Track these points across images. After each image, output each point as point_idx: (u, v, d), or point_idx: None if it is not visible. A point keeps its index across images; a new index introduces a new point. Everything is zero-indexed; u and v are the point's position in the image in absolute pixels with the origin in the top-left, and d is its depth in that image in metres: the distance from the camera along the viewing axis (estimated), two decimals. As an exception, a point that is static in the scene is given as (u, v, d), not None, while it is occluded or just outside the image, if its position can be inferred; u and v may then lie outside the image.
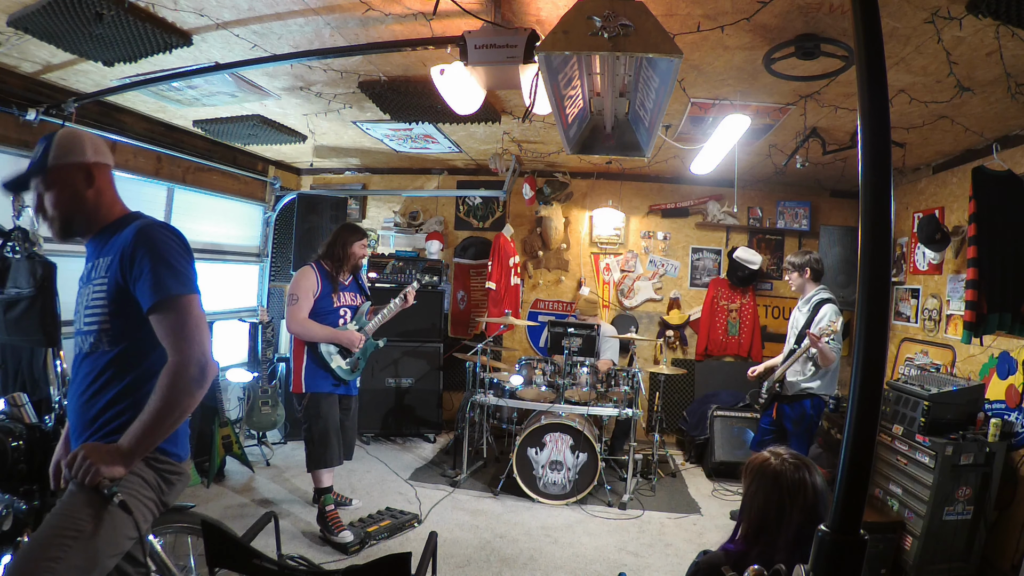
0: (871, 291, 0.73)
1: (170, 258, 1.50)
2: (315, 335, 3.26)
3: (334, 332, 3.30)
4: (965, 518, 3.02)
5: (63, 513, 1.41)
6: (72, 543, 1.36)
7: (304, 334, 3.26)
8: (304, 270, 3.36)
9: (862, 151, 0.74)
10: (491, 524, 3.58)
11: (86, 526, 1.39)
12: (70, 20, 2.40)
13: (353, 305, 3.49)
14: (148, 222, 1.59)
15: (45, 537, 1.37)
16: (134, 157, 4.18)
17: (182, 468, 1.65)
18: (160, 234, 1.54)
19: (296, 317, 3.23)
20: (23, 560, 1.35)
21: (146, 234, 1.52)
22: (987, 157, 3.48)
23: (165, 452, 1.57)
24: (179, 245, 1.56)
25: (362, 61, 2.93)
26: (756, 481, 1.45)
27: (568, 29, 1.64)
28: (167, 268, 1.49)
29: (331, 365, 3.31)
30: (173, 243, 1.54)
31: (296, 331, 3.26)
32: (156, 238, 1.52)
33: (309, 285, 3.30)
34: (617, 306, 5.61)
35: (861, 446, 0.72)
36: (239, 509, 3.56)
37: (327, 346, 3.31)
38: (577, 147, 2.60)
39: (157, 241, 1.51)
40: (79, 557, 1.36)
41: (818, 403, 3.52)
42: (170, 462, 1.59)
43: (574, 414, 4.06)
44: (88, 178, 1.60)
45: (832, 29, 2.29)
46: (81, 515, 1.40)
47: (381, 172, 5.98)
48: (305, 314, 3.25)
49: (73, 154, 1.58)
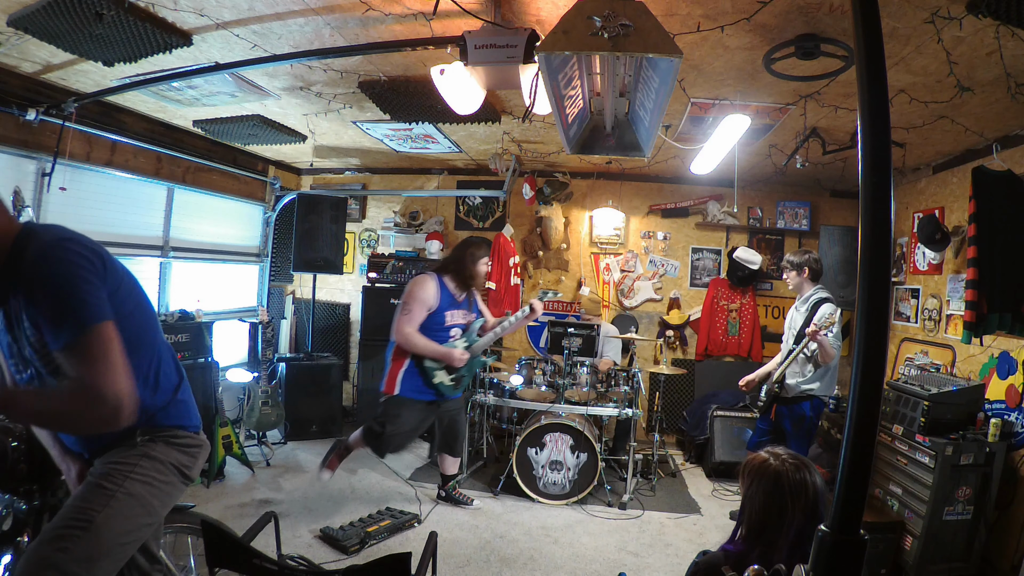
0: (871, 291, 0.73)
1: (70, 287, 1.31)
2: (419, 348, 3.22)
3: (437, 348, 3.26)
4: (965, 518, 3.02)
5: (75, 504, 1.44)
6: (81, 533, 1.38)
7: (406, 345, 3.21)
8: (423, 279, 3.27)
9: (862, 151, 0.74)
10: (491, 524, 3.57)
11: (96, 515, 1.41)
12: (70, 20, 2.40)
13: (463, 324, 3.44)
14: (39, 246, 1.33)
15: (56, 528, 1.39)
16: (134, 157, 4.18)
17: (200, 439, 1.68)
18: (53, 259, 1.32)
19: (404, 327, 3.18)
20: (34, 551, 1.36)
21: (39, 265, 1.31)
22: (987, 157, 3.48)
23: (182, 427, 1.61)
24: (78, 263, 1.34)
25: (362, 61, 2.93)
26: (756, 482, 1.45)
27: (568, 29, 1.64)
28: (70, 300, 1.30)
29: (434, 381, 3.28)
30: (72, 264, 1.33)
31: (400, 341, 3.21)
32: (50, 269, 1.31)
33: (426, 298, 3.23)
34: (617, 306, 5.61)
35: (861, 446, 0.72)
36: (239, 509, 3.56)
37: (433, 362, 3.27)
38: (577, 147, 2.60)
39: (51, 271, 1.31)
40: (89, 546, 1.38)
41: (817, 404, 3.52)
42: (188, 435, 1.63)
43: (574, 414, 4.06)
44: None
45: (832, 29, 2.29)
46: (92, 504, 1.43)
47: (381, 172, 5.98)
48: (415, 326, 3.19)
49: None
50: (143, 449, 1.53)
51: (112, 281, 1.43)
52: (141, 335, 1.53)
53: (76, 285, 1.32)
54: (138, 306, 1.54)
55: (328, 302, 6.11)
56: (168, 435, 1.58)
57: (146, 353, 1.56)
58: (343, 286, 6.11)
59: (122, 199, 4.16)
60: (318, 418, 5.09)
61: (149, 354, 1.57)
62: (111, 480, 1.47)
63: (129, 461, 1.51)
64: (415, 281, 3.29)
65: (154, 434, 1.56)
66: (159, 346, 1.62)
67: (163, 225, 4.51)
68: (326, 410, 5.15)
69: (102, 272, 1.40)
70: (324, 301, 6.09)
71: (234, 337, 5.09)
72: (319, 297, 5.94)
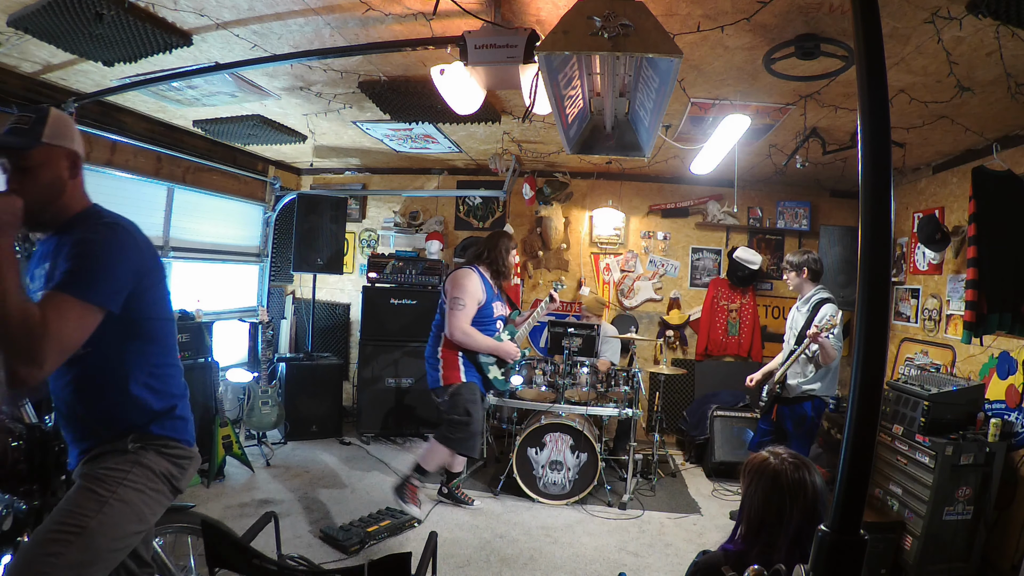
0: (871, 291, 0.73)
1: (97, 258, 1.37)
2: (479, 345, 3.17)
3: (497, 344, 3.24)
4: (965, 518, 3.02)
5: (66, 508, 1.42)
6: (73, 538, 1.37)
7: (467, 342, 3.15)
8: (467, 273, 3.22)
9: (862, 151, 0.74)
10: (491, 524, 3.57)
11: (88, 521, 1.40)
12: (70, 20, 2.40)
13: (503, 315, 3.42)
14: (98, 221, 1.47)
15: (47, 532, 1.38)
16: (134, 157, 4.18)
17: (191, 453, 1.68)
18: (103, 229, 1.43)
19: (462, 324, 3.11)
20: (25, 555, 1.36)
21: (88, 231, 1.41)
22: (987, 157, 3.48)
23: (174, 439, 1.61)
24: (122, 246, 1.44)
25: (362, 61, 2.93)
26: (755, 481, 1.45)
27: (568, 29, 1.64)
28: (85, 267, 1.35)
29: (488, 376, 3.25)
30: (113, 243, 1.42)
31: (460, 339, 3.13)
32: (95, 235, 1.40)
33: (475, 291, 3.19)
34: (617, 306, 5.61)
35: (861, 446, 0.72)
36: (239, 509, 3.56)
37: (487, 356, 3.24)
38: (577, 147, 2.60)
39: (94, 238, 1.40)
40: (80, 552, 1.37)
41: (819, 405, 3.52)
42: (180, 447, 1.63)
43: (574, 414, 4.06)
44: (73, 167, 1.50)
45: (832, 29, 2.29)
46: (84, 510, 1.41)
47: (381, 172, 5.98)
48: (469, 321, 3.15)
49: (66, 138, 1.48)
50: (134, 456, 1.52)
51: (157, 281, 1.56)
52: (166, 338, 1.62)
53: (102, 261, 1.37)
54: (171, 314, 1.65)
55: (328, 302, 6.11)
56: (160, 444, 1.57)
57: (164, 355, 1.61)
58: (343, 286, 6.11)
59: (122, 199, 4.16)
60: (318, 418, 5.09)
61: (164, 356, 1.61)
62: (104, 486, 1.45)
63: (122, 468, 1.50)
64: (461, 275, 3.21)
65: (146, 442, 1.55)
66: (174, 359, 1.66)
67: (163, 225, 4.51)
68: (326, 410, 5.15)
69: (146, 266, 1.50)
70: (324, 301, 6.09)
71: (234, 337, 5.09)
72: (319, 297, 5.94)
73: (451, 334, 3.09)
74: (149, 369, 1.55)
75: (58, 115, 1.47)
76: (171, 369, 1.64)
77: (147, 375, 1.55)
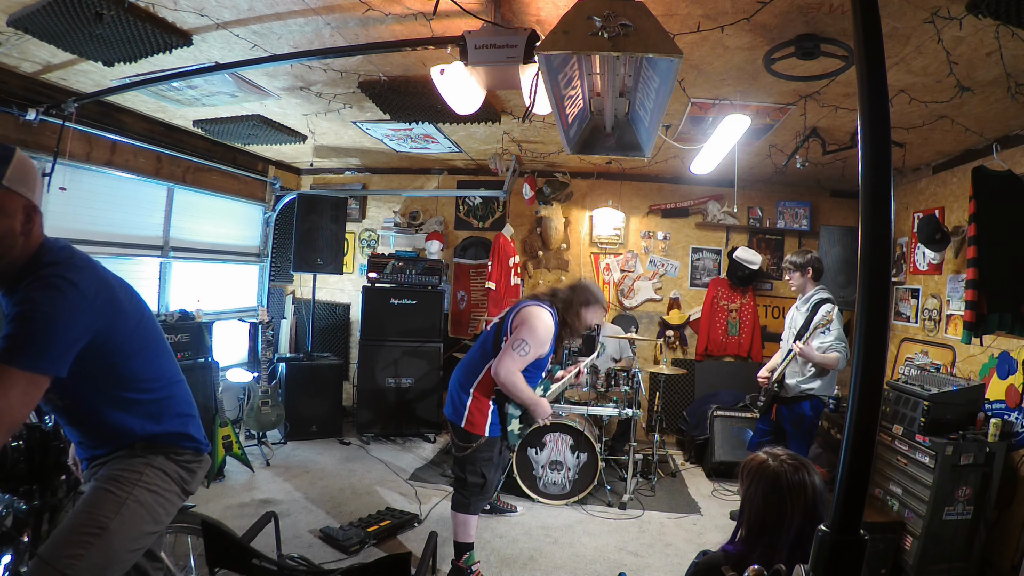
0: (871, 291, 0.73)
1: (37, 324, 1.24)
2: (520, 394, 2.79)
3: (537, 400, 2.86)
4: (965, 518, 3.02)
5: (84, 510, 1.43)
6: (94, 539, 1.38)
7: (508, 385, 2.76)
8: (547, 318, 2.84)
9: (862, 151, 0.74)
10: (491, 524, 3.57)
11: (109, 521, 1.41)
12: (70, 20, 2.40)
13: (549, 368, 3.15)
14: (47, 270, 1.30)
15: (68, 534, 1.38)
16: (134, 157, 4.18)
17: (202, 457, 1.69)
18: (50, 286, 1.28)
19: (515, 367, 2.75)
20: (45, 557, 1.35)
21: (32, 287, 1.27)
22: (987, 157, 3.48)
23: (185, 445, 1.62)
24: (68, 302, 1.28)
25: (362, 61, 2.93)
26: (755, 484, 1.45)
27: (568, 29, 1.64)
28: (27, 332, 1.23)
29: (508, 428, 2.90)
30: (58, 301, 1.27)
31: (504, 380, 2.75)
32: (39, 294, 1.26)
33: (545, 341, 2.82)
34: (617, 306, 5.61)
35: (861, 446, 0.72)
36: (239, 509, 3.56)
37: (515, 408, 2.89)
38: (577, 147, 2.59)
39: (39, 297, 1.26)
40: (100, 554, 1.38)
41: (817, 404, 3.52)
42: (189, 452, 1.63)
43: (574, 414, 4.06)
44: (28, 222, 1.33)
45: (832, 29, 2.29)
46: (104, 510, 1.42)
47: (381, 172, 5.98)
48: (522, 368, 2.79)
49: (27, 185, 1.32)
50: (145, 459, 1.54)
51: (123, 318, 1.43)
52: (152, 368, 1.56)
53: (46, 324, 1.25)
54: (156, 342, 1.57)
55: (328, 302, 6.11)
56: (169, 450, 1.59)
57: (155, 387, 1.57)
58: (343, 286, 6.11)
59: (122, 199, 4.16)
60: (318, 418, 5.09)
61: (157, 388, 1.57)
62: (120, 487, 1.47)
63: (136, 469, 1.51)
64: (536, 317, 2.81)
65: (155, 448, 1.57)
66: (173, 383, 1.63)
67: (163, 225, 4.51)
68: (326, 410, 5.15)
69: (100, 314, 1.34)
70: (324, 301, 6.09)
71: (234, 337, 5.09)
72: (319, 297, 5.94)
73: (497, 371, 2.76)
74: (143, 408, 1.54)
75: (24, 159, 1.33)
76: (172, 400, 1.61)
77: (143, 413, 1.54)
